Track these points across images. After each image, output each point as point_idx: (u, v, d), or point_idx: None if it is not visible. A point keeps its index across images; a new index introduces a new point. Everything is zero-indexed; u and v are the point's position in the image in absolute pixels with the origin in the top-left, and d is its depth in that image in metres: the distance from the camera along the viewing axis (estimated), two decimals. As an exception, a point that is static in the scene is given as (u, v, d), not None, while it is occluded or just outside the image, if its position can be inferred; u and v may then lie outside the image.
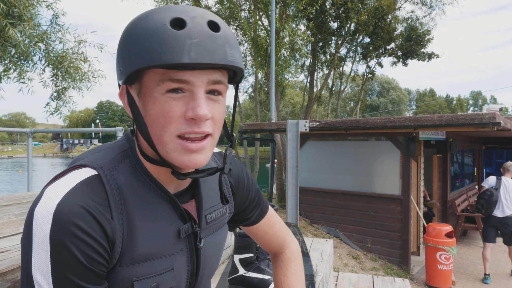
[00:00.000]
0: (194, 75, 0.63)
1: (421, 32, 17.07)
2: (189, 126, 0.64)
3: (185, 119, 0.64)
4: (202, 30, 0.62)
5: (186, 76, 0.63)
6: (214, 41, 0.63)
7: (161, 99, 0.64)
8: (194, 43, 0.61)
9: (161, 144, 0.66)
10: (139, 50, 0.62)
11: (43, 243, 0.59)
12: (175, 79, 0.63)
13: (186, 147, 0.65)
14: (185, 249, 0.77)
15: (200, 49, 0.61)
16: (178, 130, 0.64)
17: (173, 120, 0.64)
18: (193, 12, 0.64)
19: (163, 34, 0.61)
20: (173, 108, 0.64)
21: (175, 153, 0.65)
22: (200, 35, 0.62)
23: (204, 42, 0.61)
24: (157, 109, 0.64)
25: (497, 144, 12.03)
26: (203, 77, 0.64)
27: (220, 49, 0.63)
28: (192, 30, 0.61)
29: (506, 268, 6.45)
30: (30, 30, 4.79)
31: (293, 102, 45.68)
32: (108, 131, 5.51)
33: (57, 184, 0.65)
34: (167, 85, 0.63)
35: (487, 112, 5.10)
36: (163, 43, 0.60)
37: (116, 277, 0.67)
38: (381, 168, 6.56)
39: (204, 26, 0.63)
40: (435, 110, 67.94)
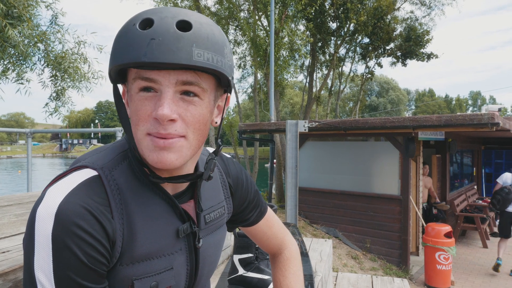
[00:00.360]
0: (161, 74, 0.63)
1: (420, 33, 17.08)
2: (154, 126, 0.64)
3: (153, 119, 0.64)
4: (167, 30, 0.62)
5: (154, 75, 0.63)
6: (178, 41, 0.61)
7: (136, 97, 0.66)
8: (155, 42, 0.60)
9: (137, 142, 0.68)
10: (114, 50, 0.65)
11: (45, 243, 0.60)
12: (143, 77, 0.64)
13: (154, 142, 0.65)
14: (184, 249, 0.78)
15: (160, 48, 0.60)
16: (146, 129, 0.65)
17: (143, 119, 0.65)
18: (167, 12, 0.64)
19: (130, 34, 0.63)
20: (143, 107, 0.64)
21: (147, 150, 0.66)
22: (164, 34, 0.61)
23: (166, 41, 0.61)
24: (133, 108, 0.66)
25: (496, 145, 12.05)
26: (171, 77, 0.63)
27: (185, 49, 0.61)
28: (156, 30, 0.61)
29: (506, 268, 6.46)
30: (29, 31, 4.79)
31: (292, 102, 45.66)
32: (107, 131, 5.52)
33: (58, 184, 0.66)
34: (138, 83, 0.65)
35: (486, 113, 5.11)
36: (128, 43, 0.62)
37: (116, 276, 0.68)
38: (380, 168, 6.57)
39: (171, 25, 0.62)
40: (434, 110, 67.96)
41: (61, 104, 5.88)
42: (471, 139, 10.53)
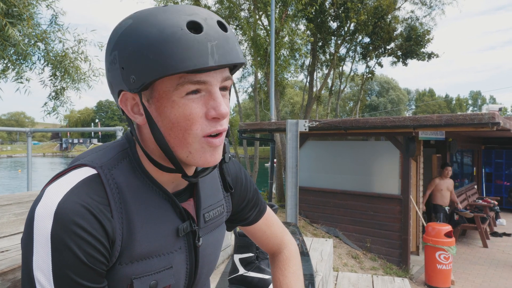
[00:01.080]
0: (211, 75, 0.65)
1: (421, 32, 17.07)
2: (212, 125, 0.66)
3: (206, 119, 0.66)
4: (217, 32, 0.64)
5: (205, 77, 0.64)
6: (228, 41, 0.64)
7: (181, 102, 0.64)
8: (214, 45, 0.62)
9: (183, 146, 0.67)
10: (160, 57, 0.61)
11: (44, 242, 0.60)
12: (194, 81, 0.63)
13: (211, 143, 0.67)
14: (183, 247, 0.78)
15: (220, 51, 0.63)
16: (202, 130, 0.66)
17: (196, 122, 0.65)
18: (201, 13, 0.65)
19: (184, 39, 0.61)
20: (194, 109, 0.65)
21: (199, 152, 0.68)
22: (217, 36, 0.63)
23: (221, 44, 0.63)
24: (177, 113, 0.65)
25: (496, 144, 12.05)
26: (218, 76, 0.66)
27: (234, 48, 0.65)
28: (209, 33, 0.62)
29: (508, 267, 6.45)
30: (29, 30, 4.79)
31: (293, 101, 45.68)
32: (107, 130, 5.52)
33: (57, 183, 0.65)
34: (187, 87, 0.64)
35: (487, 112, 5.10)
36: (186, 49, 0.60)
37: (115, 275, 0.68)
38: (380, 168, 6.57)
39: (217, 27, 0.64)
40: (435, 110, 67.92)
41: (60, 104, 5.89)
42: (471, 138, 10.52)
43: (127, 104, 0.70)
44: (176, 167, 0.71)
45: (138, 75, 0.63)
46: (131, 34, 0.64)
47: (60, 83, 5.71)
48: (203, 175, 0.75)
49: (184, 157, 0.69)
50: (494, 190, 12.00)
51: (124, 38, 0.65)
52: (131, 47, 0.63)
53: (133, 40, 0.63)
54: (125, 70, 0.64)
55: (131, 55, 0.63)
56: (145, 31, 0.62)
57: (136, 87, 0.64)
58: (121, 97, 0.69)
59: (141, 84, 0.63)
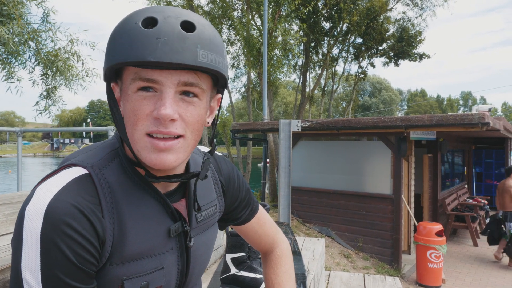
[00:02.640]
0: (163, 75, 0.63)
1: (413, 33, 17.21)
2: (155, 125, 0.64)
3: (153, 118, 0.64)
4: (172, 30, 0.61)
5: (155, 76, 0.63)
6: (183, 41, 0.62)
7: (133, 97, 0.65)
8: (161, 41, 0.60)
9: (133, 142, 0.67)
10: (113, 48, 0.63)
11: (34, 241, 0.59)
12: (145, 78, 0.63)
13: (154, 144, 0.64)
14: (175, 248, 0.77)
15: (166, 48, 0.60)
16: (146, 128, 0.64)
17: (141, 118, 0.64)
18: (169, 12, 0.64)
19: (133, 33, 0.62)
20: (142, 106, 0.64)
21: (144, 151, 0.65)
22: (169, 34, 0.61)
23: (171, 41, 0.61)
24: (129, 107, 0.65)
25: (486, 144, 12.19)
26: (173, 78, 0.63)
27: (190, 49, 0.62)
28: (161, 29, 0.61)
29: (497, 265, 6.53)
30: (19, 29, 4.74)
31: (286, 101, 45.73)
32: (99, 130, 5.48)
33: (48, 183, 0.65)
34: (138, 83, 0.64)
35: (477, 113, 5.16)
36: (131, 41, 0.61)
37: (106, 276, 0.67)
38: (372, 168, 6.61)
39: (175, 25, 0.62)
40: (426, 110, 68.45)
41: (52, 103, 5.83)
42: (462, 138, 10.63)
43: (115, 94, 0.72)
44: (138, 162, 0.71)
45: (104, 64, 0.67)
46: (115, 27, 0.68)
47: (52, 82, 5.65)
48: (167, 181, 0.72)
49: (137, 155, 0.67)
50: (484, 190, 12.14)
51: None
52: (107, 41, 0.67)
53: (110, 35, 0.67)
54: None
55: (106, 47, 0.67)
56: (115, 27, 0.66)
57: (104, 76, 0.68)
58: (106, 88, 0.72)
59: (104, 73, 0.66)
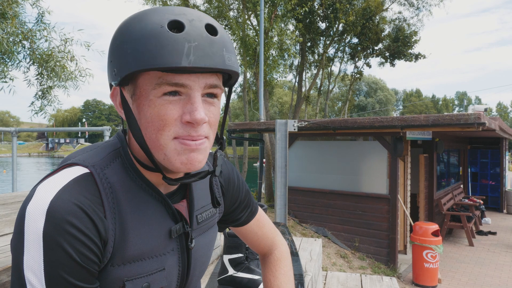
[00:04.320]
0: (191, 79, 0.63)
1: (408, 33, 17.27)
2: (185, 129, 0.64)
3: (181, 122, 0.64)
4: (201, 34, 0.61)
5: (183, 80, 0.62)
6: (212, 45, 0.62)
7: (157, 102, 0.63)
8: (193, 46, 0.60)
9: (157, 148, 0.65)
10: (136, 52, 0.61)
11: (36, 241, 0.58)
12: (172, 83, 0.62)
13: (185, 144, 0.64)
14: (176, 249, 0.77)
15: (198, 53, 0.60)
16: (174, 133, 0.64)
17: (169, 123, 0.63)
18: (190, 14, 0.64)
19: (161, 37, 0.60)
20: (169, 111, 0.63)
21: (174, 154, 0.65)
22: (199, 38, 0.61)
23: (202, 46, 0.61)
24: (153, 112, 0.63)
25: (481, 144, 12.26)
26: (200, 81, 0.64)
27: (218, 53, 0.63)
28: (190, 33, 0.61)
29: (492, 265, 6.56)
30: (13, 28, 4.70)
31: (282, 101, 45.79)
32: (94, 130, 5.45)
33: (49, 181, 0.64)
34: (164, 88, 0.62)
35: (473, 113, 5.19)
36: (161, 46, 0.59)
37: (107, 277, 0.66)
38: (369, 168, 6.62)
39: (202, 29, 0.62)
40: (422, 110, 68.76)
41: (47, 103, 5.79)
42: (457, 138, 10.68)
43: (116, 99, 0.70)
44: (155, 167, 0.70)
45: (118, 68, 0.64)
46: (120, 30, 0.66)
47: (47, 82, 5.62)
48: (186, 182, 0.71)
49: (161, 159, 0.67)
50: (480, 189, 12.21)
51: (115, 33, 0.67)
52: (118, 41, 0.65)
53: (120, 34, 0.65)
54: (111, 63, 0.66)
55: (116, 49, 0.65)
56: (131, 27, 0.63)
57: (117, 80, 0.65)
58: (112, 91, 0.70)
59: (121, 77, 0.64)
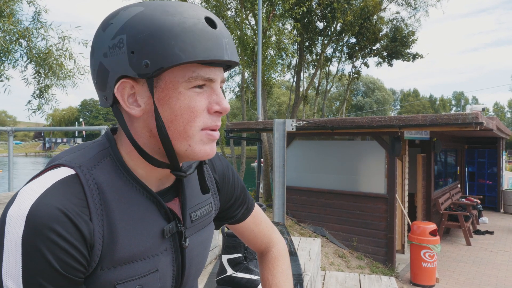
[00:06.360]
0: (216, 73, 0.68)
1: (406, 33, 17.32)
2: (212, 120, 0.69)
3: (208, 113, 0.68)
4: (227, 31, 0.68)
5: (212, 74, 0.67)
6: (232, 42, 0.70)
7: (187, 94, 0.65)
8: (227, 42, 0.67)
9: (183, 139, 0.67)
10: (182, 43, 0.62)
11: (15, 247, 0.56)
12: (206, 77, 0.66)
13: (211, 136, 0.70)
14: (169, 249, 0.75)
15: (231, 48, 0.68)
16: (203, 124, 0.68)
17: (199, 114, 0.67)
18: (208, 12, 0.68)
19: (205, 31, 0.64)
20: (198, 102, 0.66)
21: (200, 144, 0.69)
22: (227, 35, 0.68)
23: (231, 42, 0.68)
24: (182, 104, 0.66)
25: (479, 144, 12.29)
26: (221, 75, 0.70)
27: (235, 49, 0.70)
28: (222, 31, 0.67)
29: (489, 265, 6.58)
30: (10, 26, 4.67)
31: (279, 101, 45.83)
32: (92, 130, 5.43)
33: (31, 184, 0.62)
34: (197, 81, 0.66)
35: (470, 112, 5.19)
36: (208, 40, 0.64)
37: (97, 281, 0.64)
38: (366, 167, 6.62)
39: (224, 27, 0.69)
40: (419, 110, 68.98)
41: (45, 102, 5.77)
42: (455, 138, 10.70)
43: (124, 93, 0.66)
44: (171, 161, 0.70)
45: (154, 59, 0.62)
46: (146, 19, 0.63)
47: (45, 81, 5.59)
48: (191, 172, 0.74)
49: (183, 150, 0.68)
50: (477, 189, 12.25)
51: (137, 22, 0.63)
52: (148, 32, 0.62)
53: (151, 25, 0.62)
54: (135, 54, 0.62)
55: (148, 39, 0.62)
56: (165, 19, 0.63)
57: (150, 71, 0.62)
58: (118, 85, 0.65)
59: (158, 69, 0.62)
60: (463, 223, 7.74)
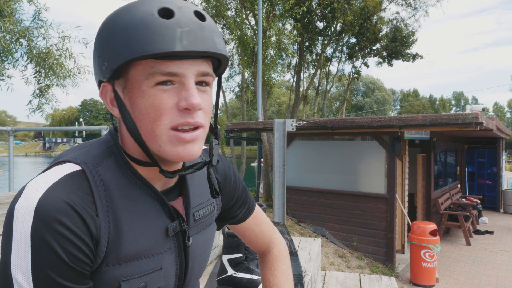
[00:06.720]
0: (184, 66, 0.63)
1: (406, 33, 17.32)
2: (182, 117, 0.63)
3: (177, 110, 0.63)
4: (191, 19, 0.62)
5: (176, 69, 0.62)
6: (203, 30, 0.63)
7: (150, 92, 0.62)
8: (184, 31, 0.60)
9: (153, 139, 0.64)
10: (128, 40, 0.60)
11: (24, 240, 0.57)
12: (165, 72, 0.62)
13: (180, 137, 0.64)
14: (173, 248, 0.75)
15: (191, 37, 0.61)
16: (171, 122, 0.63)
17: (165, 112, 0.63)
18: (178, 2, 0.64)
19: (152, 23, 0.60)
20: (164, 100, 0.62)
21: (169, 145, 0.64)
22: (190, 23, 0.61)
23: (194, 31, 0.61)
24: (147, 103, 0.63)
25: (479, 144, 12.29)
26: (192, 68, 0.64)
27: (209, 37, 0.63)
28: (181, 19, 0.61)
29: (489, 265, 6.57)
30: (11, 26, 4.67)
31: (279, 101, 45.81)
32: (92, 129, 5.44)
33: (38, 179, 0.63)
34: (157, 78, 0.62)
35: (470, 112, 5.19)
36: (154, 32, 0.59)
37: (102, 277, 0.65)
38: (367, 167, 6.62)
39: (191, 15, 0.63)
40: (419, 110, 68.95)
41: (45, 101, 5.77)
42: (455, 138, 10.70)
43: (107, 97, 0.69)
44: (152, 161, 0.69)
45: (109, 61, 0.63)
46: (107, 22, 0.65)
47: (45, 80, 5.59)
48: (183, 173, 0.71)
49: (156, 151, 0.66)
50: (477, 189, 12.25)
51: (103, 26, 0.66)
52: (105, 34, 0.64)
53: (108, 27, 0.64)
54: (101, 58, 0.65)
55: (104, 42, 0.64)
56: (119, 18, 0.63)
57: (108, 73, 0.64)
58: (101, 89, 0.68)
59: (112, 70, 0.62)
60: (463, 223, 7.74)
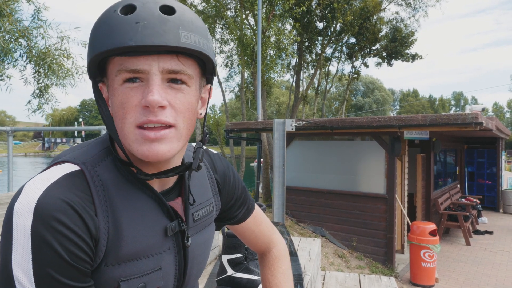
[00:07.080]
0: (147, 63, 0.61)
1: (406, 34, 17.33)
2: (145, 115, 0.61)
3: (141, 108, 0.62)
4: (152, 13, 0.60)
5: (140, 65, 0.61)
6: (164, 23, 0.60)
7: (119, 90, 0.63)
8: (141, 25, 0.59)
9: (123, 136, 0.64)
10: (92, 39, 0.62)
11: (24, 239, 0.57)
12: (130, 69, 0.61)
13: (144, 135, 0.62)
14: (172, 248, 0.75)
15: (147, 31, 0.59)
16: (136, 120, 0.62)
17: (130, 110, 0.62)
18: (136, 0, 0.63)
19: (111, 20, 0.61)
20: (130, 98, 0.62)
21: (136, 144, 0.63)
22: (149, 17, 0.60)
23: (151, 24, 0.59)
24: (117, 101, 0.63)
25: (478, 144, 12.30)
26: (157, 65, 0.61)
27: (172, 31, 0.60)
28: (140, 14, 0.60)
29: (488, 265, 6.58)
30: (10, 26, 4.66)
31: (279, 101, 45.82)
32: (91, 129, 5.43)
33: (37, 178, 0.63)
34: (124, 75, 0.62)
35: (470, 112, 5.19)
36: (111, 29, 0.60)
37: (101, 277, 0.65)
38: (366, 167, 6.62)
39: (154, 9, 0.61)
40: (418, 110, 68.97)
41: (45, 101, 5.76)
42: (454, 138, 10.71)
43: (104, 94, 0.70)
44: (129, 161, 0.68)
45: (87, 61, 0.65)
46: None
47: (44, 80, 5.58)
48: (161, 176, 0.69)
49: (127, 149, 0.65)
50: (476, 189, 12.26)
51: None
52: None
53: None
54: None
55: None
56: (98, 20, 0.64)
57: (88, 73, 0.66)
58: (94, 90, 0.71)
59: (88, 69, 0.65)
60: (462, 223, 7.74)
